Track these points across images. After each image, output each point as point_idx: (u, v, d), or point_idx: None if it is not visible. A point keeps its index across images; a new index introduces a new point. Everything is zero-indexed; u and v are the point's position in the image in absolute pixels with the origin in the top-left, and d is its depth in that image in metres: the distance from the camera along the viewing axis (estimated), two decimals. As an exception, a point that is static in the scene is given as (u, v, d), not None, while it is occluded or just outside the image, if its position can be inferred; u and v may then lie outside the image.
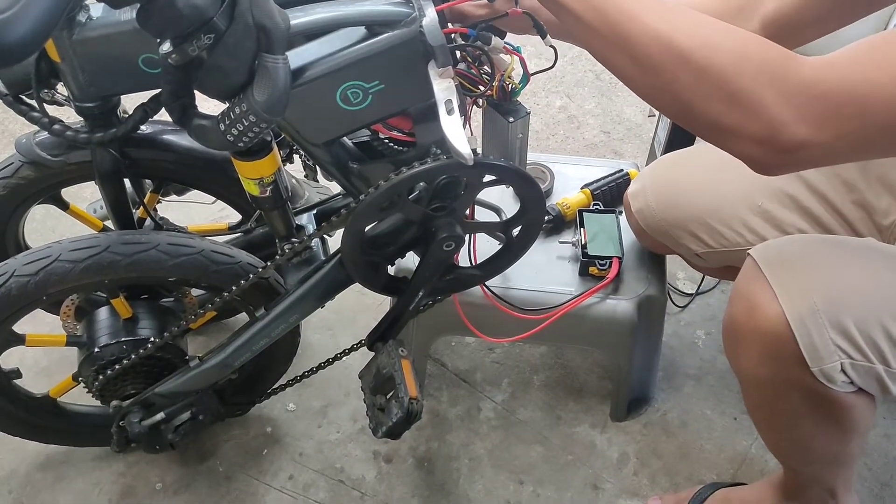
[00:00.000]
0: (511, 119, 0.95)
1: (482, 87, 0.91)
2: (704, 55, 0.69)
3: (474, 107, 0.96)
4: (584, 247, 1.22)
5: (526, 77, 0.94)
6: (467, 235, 1.07)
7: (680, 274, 1.64)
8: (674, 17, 0.71)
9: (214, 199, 1.28)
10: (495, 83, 0.92)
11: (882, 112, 0.66)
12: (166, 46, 0.72)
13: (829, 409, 0.90)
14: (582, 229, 1.25)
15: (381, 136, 0.94)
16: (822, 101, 0.67)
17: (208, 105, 0.79)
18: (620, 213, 1.29)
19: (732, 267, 1.17)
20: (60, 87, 0.96)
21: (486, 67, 0.91)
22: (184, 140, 1.14)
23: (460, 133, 0.79)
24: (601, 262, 1.21)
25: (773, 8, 0.94)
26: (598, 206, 1.31)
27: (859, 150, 0.72)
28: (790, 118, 0.67)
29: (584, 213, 1.27)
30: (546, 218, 1.28)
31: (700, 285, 1.58)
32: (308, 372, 1.25)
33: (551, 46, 0.90)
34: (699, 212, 1.13)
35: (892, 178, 1.00)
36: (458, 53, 0.88)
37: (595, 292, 1.20)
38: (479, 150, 1.00)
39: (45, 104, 0.95)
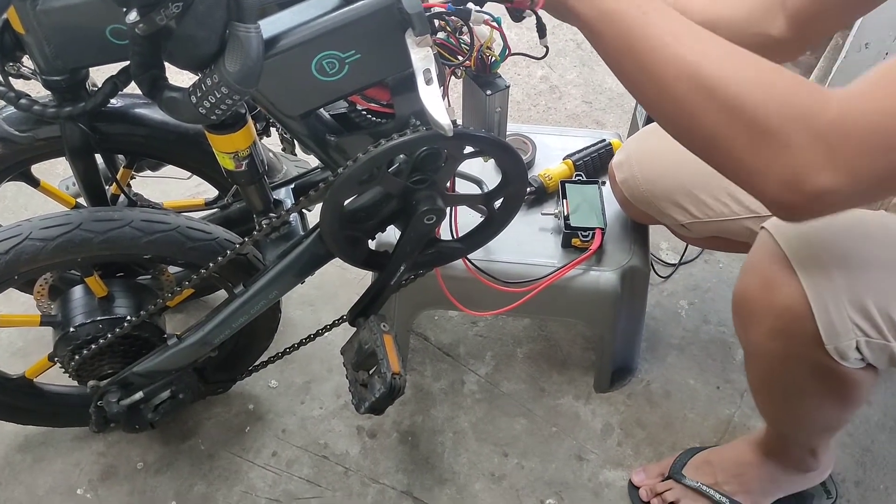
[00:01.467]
0: (489, 92, 0.93)
1: (461, 57, 0.89)
2: (732, 90, 0.66)
3: (453, 78, 0.94)
4: (566, 218, 1.21)
5: (506, 50, 0.92)
6: (448, 208, 1.05)
7: (663, 244, 1.64)
8: (701, 46, 0.68)
9: (190, 174, 1.26)
10: (474, 54, 0.90)
11: None
12: (133, 16, 0.70)
13: (835, 384, 0.90)
14: (564, 201, 1.24)
15: (359, 107, 0.92)
16: (853, 144, 0.63)
17: (181, 77, 0.76)
18: (603, 183, 1.28)
19: (718, 237, 1.17)
20: (26, 61, 0.93)
21: (465, 37, 0.89)
22: (156, 114, 1.11)
23: (439, 103, 0.77)
24: (584, 233, 1.20)
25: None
26: (580, 177, 1.30)
27: (890, 189, 0.70)
28: (819, 162, 0.64)
29: (566, 185, 1.26)
30: (528, 189, 1.27)
31: (683, 255, 1.58)
32: (290, 348, 1.24)
33: (545, 47, 0.88)
34: (684, 182, 1.13)
35: None
36: (436, 22, 0.86)
37: (578, 264, 1.19)
38: (459, 122, 0.98)
39: (10, 78, 0.92)
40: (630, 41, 0.70)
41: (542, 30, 0.85)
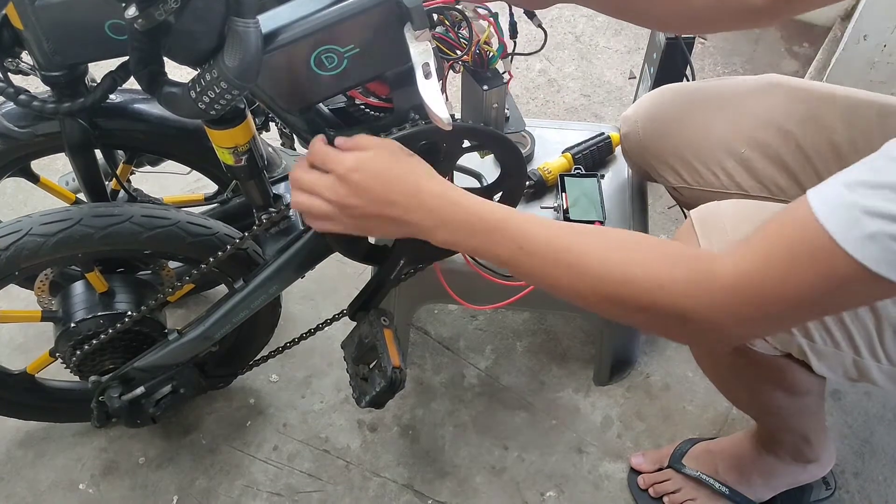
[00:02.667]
0: (486, 87, 0.93)
1: (459, 52, 0.89)
2: (628, 294, 0.71)
3: (451, 72, 0.94)
4: (566, 212, 1.21)
5: (503, 45, 0.92)
6: (448, 202, 1.05)
7: (662, 235, 1.64)
8: (584, 260, 0.73)
9: (189, 169, 1.26)
10: (471, 49, 0.90)
11: (806, 301, 0.66)
12: (132, 11, 0.70)
13: (759, 368, 0.92)
14: (563, 194, 1.24)
15: (358, 101, 0.92)
16: (748, 307, 0.67)
17: (180, 72, 0.76)
18: (602, 177, 1.28)
19: None
20: (25, 56, 0.93)
21: (464, 31, 0.89)
22: (155, 109, 1.11)
23: (438, 97, 0.77)
24: (583, 226, 1.20)
25: None
26: (579, 171, 1.30)
27: (795, 320, 0.77)
28: (726, 326, 0.69)
29: (565, 178, 1.26)
30: (527, 183, 1.27)
31: (682, 248, 1.58)
32: (290, 343, 1.24)
33: (540, 27, 0.89)
34: (680, 147, 1.12)
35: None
36: (435, 16, 0.86)
37: (577, 257, 1.19)
38: (458, 116, 0.98)
39: (9, 74, 0.92)
40: (518, 272, 0.78)
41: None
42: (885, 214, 0.59)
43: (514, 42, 0.94)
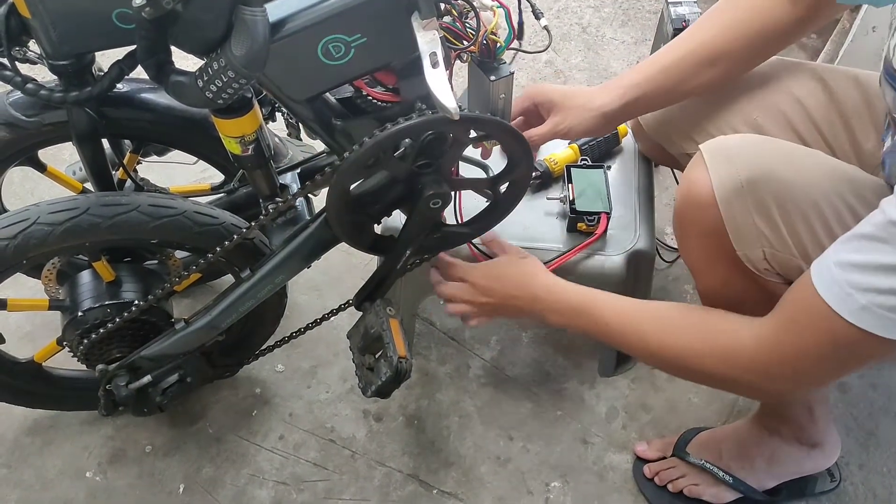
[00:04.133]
0: (493, 78, 0.92)
1: (466, 42, 0.89)
2: (680, 364, 0.92)
3: (458, 62, 0.94)
4: (572, 203, 1.21)
5: (511, 35, 0.92)
6: (454, 192, 1.05)
7: (668, 229, 1.64)
8: (650, 338, 0.94)
9: (196, 159, 1.26)
10: (478, 39, 0.90)
11: (821, 360, 0.79)
12: (139, -1, 0.70)
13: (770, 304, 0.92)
14: (570, 185, 1.24)
15: (364, 92, 0.92)
16: (773, 368, 0.82)
17: (188, 61, 0.76)
18: (608, 168, 1.28)
19: None
20: (33, 45, 0.93)
21: (471, 22, 0.89)
22: (162, 98, 1.11)
23: (446, 86, 0.77)
24: (589, 217, 1.20)
25: None
26: (585, 162, 1.30)
27: (821, 378, 0.88)
28: (762, 384, 0.85)
29: (571, 169, 1.26)
30: (534, 174, 1.27)
31: (688, 240, 1.57)
32: (296, 333, 1.25)
33: (545, 28, 0.89)
34: (696, 116, 1.14)
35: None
36: (442, 6, 0.85)
37: (583, 248, 1.20)
38: (465, 105, 0.98)
39: (17, 62, 0.92)
40: (604, 341, 1.02)
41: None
42: (872, 288, 0.70)
43: (520, 43, 0.93)
